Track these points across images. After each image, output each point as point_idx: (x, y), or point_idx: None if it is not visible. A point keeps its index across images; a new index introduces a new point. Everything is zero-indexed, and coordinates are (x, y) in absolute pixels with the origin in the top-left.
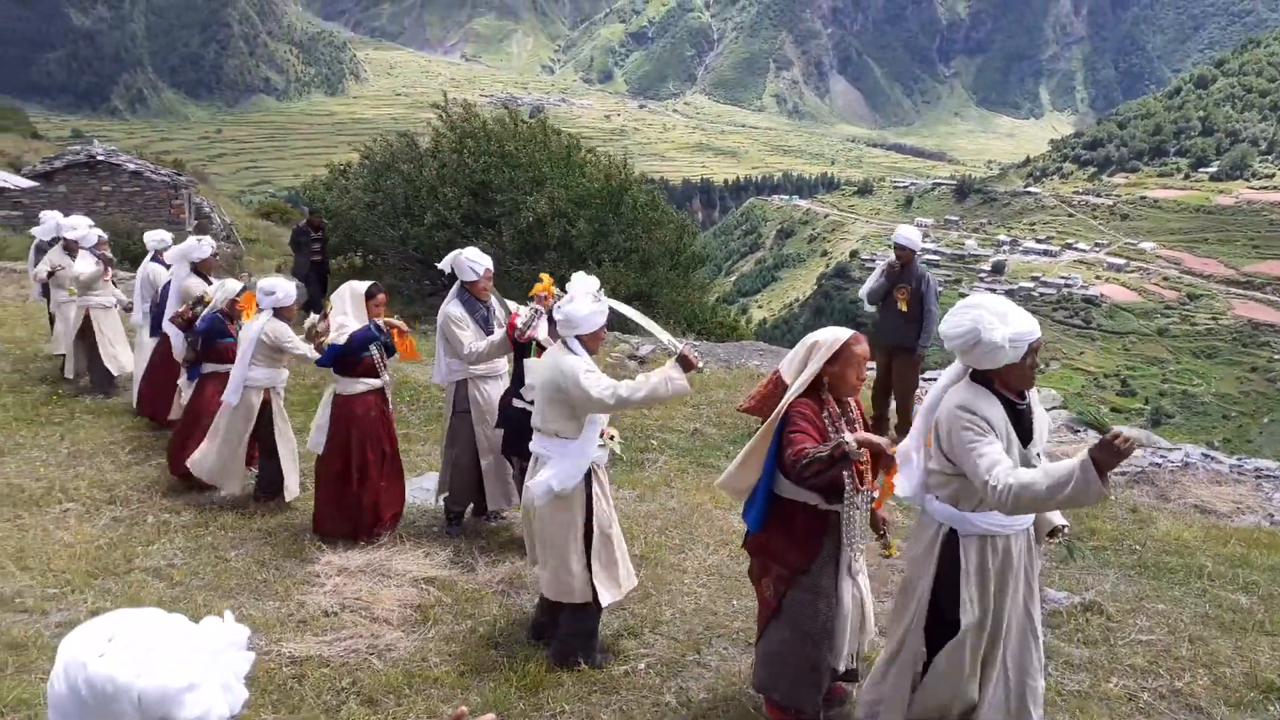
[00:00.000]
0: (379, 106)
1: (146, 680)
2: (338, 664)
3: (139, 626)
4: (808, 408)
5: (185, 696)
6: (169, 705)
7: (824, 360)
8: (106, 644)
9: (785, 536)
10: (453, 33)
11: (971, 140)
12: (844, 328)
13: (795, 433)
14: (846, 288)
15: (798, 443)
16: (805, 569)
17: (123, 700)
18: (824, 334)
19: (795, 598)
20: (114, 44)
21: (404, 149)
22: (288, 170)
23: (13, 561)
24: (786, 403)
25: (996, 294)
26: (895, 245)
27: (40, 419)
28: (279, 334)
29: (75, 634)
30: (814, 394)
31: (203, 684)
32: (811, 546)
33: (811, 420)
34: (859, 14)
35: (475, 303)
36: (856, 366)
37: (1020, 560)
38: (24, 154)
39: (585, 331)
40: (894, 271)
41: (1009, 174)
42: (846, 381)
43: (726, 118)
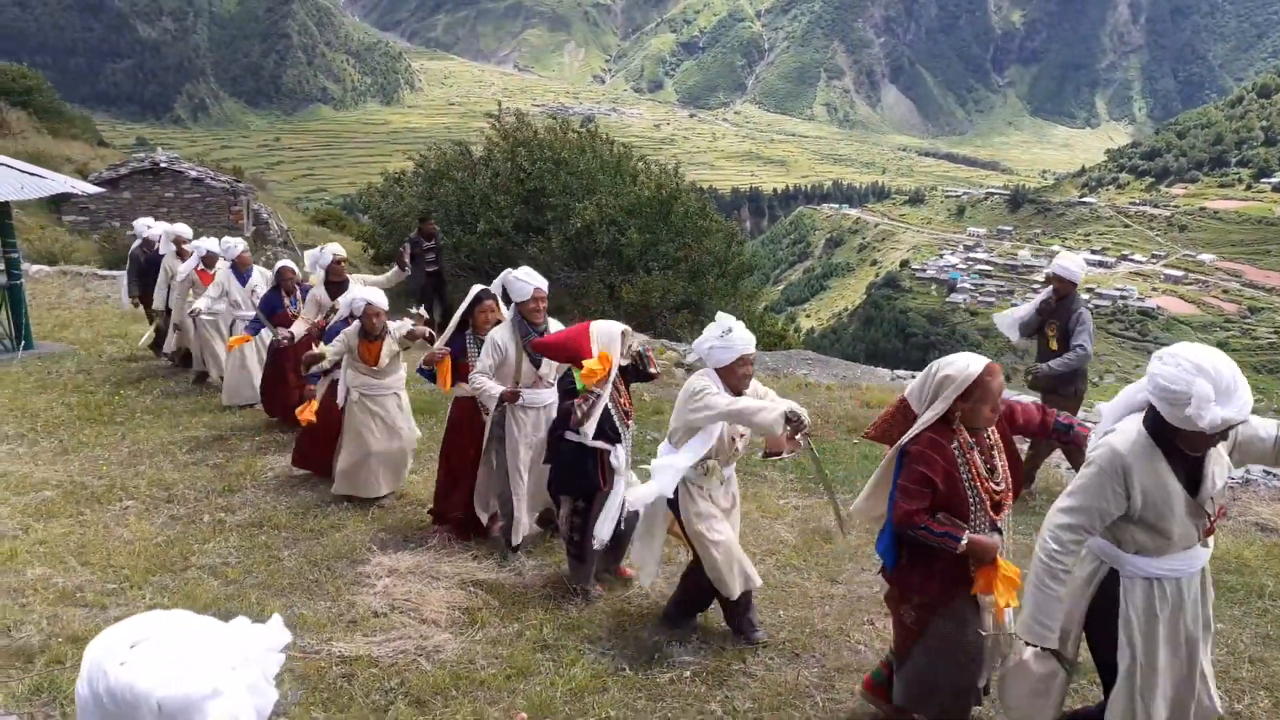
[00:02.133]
0: (433, 116)
1: (167, 688)
2: (387, 664)
3: (164, 631)
4: (931, 445)
5: (208, 704)
6: (190, 713)
7: (955, 396)
8: (129, 650)
9: (922, 570)
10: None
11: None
12: (977, 356)
13: (907, 485)
14: (896, 297)
15: (906, 502)
16: (950, 599)
17: (143, 709)
18: (955, 366)
19: (939, 625)
20: (178, 54)
21: (457, 157)
22: (343, 178)
23: (75, 557)
24: (912, 434)
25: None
26: (1052, 275)
27: (103, 418)
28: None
29: (100, 638)
30: (944, 424)
31: (227, 690)
32: (954, 581)
33: (932, 463)
34: (912, 23)
35: (526, 326)
36: (991, 400)
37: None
38: (91, 161)
39: (715, 366)
40: (1049, 306)
41: (1063, 184)
42: (979, 415)
43: (776, 126)
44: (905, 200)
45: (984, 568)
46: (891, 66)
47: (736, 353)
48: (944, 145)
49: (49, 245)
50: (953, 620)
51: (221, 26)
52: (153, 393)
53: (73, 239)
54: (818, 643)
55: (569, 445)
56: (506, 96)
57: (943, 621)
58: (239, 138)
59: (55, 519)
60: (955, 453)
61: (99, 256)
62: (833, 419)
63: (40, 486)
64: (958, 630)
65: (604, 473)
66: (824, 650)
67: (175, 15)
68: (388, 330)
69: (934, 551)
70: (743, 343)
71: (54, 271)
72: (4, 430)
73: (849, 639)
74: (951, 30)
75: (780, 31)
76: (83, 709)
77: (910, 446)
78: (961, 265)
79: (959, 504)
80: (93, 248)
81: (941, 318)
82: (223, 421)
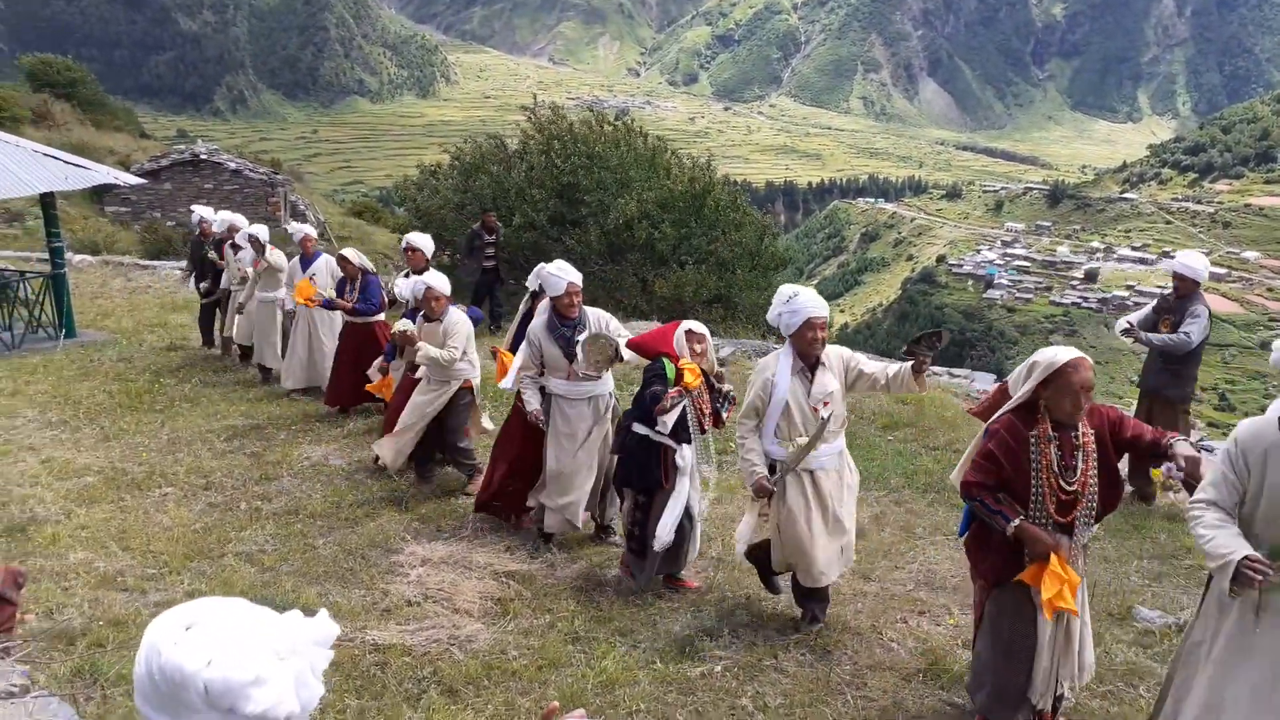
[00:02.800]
0: (468, 109)
1: (213, 671)
2: (419, 653)
3: (218, 617)
4: (1008, 427)
5: (251, 690)
6: (234, 697)
7: (1037, 382)
8: (183, 632)
9: (983, 546)
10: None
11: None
12: (1068, 348)
13: (978, 458)
14: (932, 293)
15: (972, 473)
16: (1001, 582)
17: (190, 689)
18: (1045, 353)
19: (992, 610)
20: (218, 47)
21: (493, 150)
22: (379, 170)
23: (115, 542)
24: (997, 417)
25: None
26: (1174, 274)
27: (143, 406)
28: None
29: (159, 619)
30: (1029, 412)
31: (271, 679)
32: (1006, 562)
33: (1004, 443)
34: (950, 16)
35: (556, 319)
36: (1073, 395)
37: None
38: (133, 152)
39: (786, 333)
40: (1166, 303)
41: (1104, 179)
42: (1060, 407)
43: (812, 120)
44: (942, 195)
45: (1037, 561)
46: (929, 60)
47: (803, 316)
48: (982, 140)
49: (92, 235)
50: (1001, 606)
51: (260, 19)
52: (191, 381)
53: (115, 229)
54: (850, 640)
55: (635, 438)
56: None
57: (993, 605)
58: (277, 130)
59: (97, 504)
60: (1031, 441)
61: (140, 247)
62: (866, 415)
63: (82, 472)
64: (1005, 617)
65: (667, 471)
66: (856, 647)
67: (215, 8)
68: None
69: (993, 530)
70: (810, 306)
71: (96, 261)
72: (48, 417)
73: (881, 636)
74: (991, 23)
75: (816, 24)
76: (139, 686)
77: (991, 424)
78: (999, 261)
79: (1020, 491)
80: (134, 238)
81: (978, 314)
82: (259, 410)
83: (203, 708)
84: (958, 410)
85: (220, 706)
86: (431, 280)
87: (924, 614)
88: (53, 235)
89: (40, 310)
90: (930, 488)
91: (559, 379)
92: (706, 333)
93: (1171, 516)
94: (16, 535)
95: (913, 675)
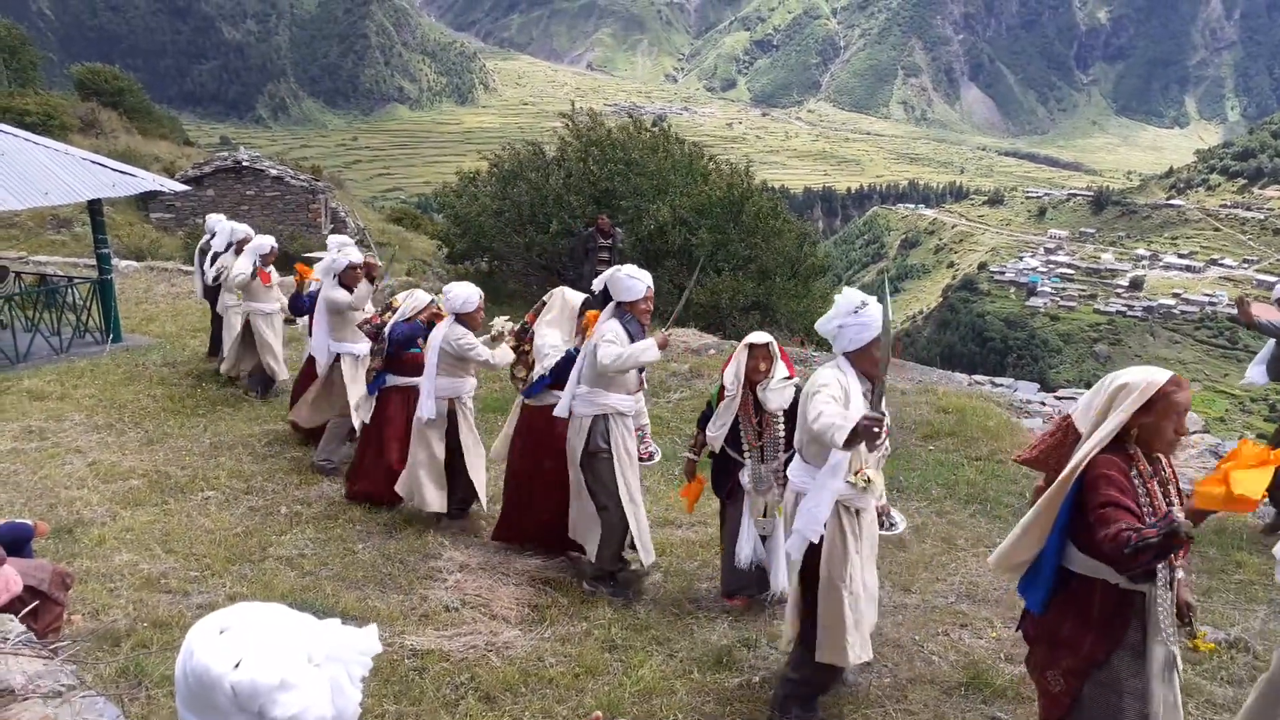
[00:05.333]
0: (507, 116)
1: (240, 674)
2: (457, 659)
3: (253, 621)
4: (1115, 467)
5: (278, 695)
6: (261, 700)
7: (1135, 408)
8: (217, 635)
9: (1078, 620)
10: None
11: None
12: (1159, 369)
13: (1108, 507)
14: (974, 301)
15: (1113, 521)
16: (1104, 660)
17: (218, 691)
18: (1134, 375)
19: (1094, 695)
20: (260, 55)
21: (531, 157)
22: (419, 177)
23: (159, 544)
24: (1084, 458)
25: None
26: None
27: (186, 410)
28: (461, 340)
29: (200, 622)
30: (1118, 448)
31: (300, 684)
32: (1113, 633)
33: (1122, 486)
34: (992, 20)
35: (636, 326)
36: (1176, 418)
37: None
38: (177, 159)
39: (848, 349)
40: None
41: (1150, 185)
42: (1161, 436)
43: (851, 125)
44: (984, 201)
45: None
46: (971, 64)
47: (875, 331)
48: (1025, 145)
49: (137, 241)
50: (1110, 688)
51: (301, 27)
52: (233, 386)
53: (159, 235)
54: (890, 652)
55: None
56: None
57: (1097, 689)
58: (317, 137)
59: (141, 507)
60: (1136, 484)
61: (183, 252)
62: (907, 424)
63: (127, 475)
64: (1115, 700)
65: (732, 487)
66: (897, 660)
67: (258, 17)
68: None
69: (1089, 596)
70: (881, 319)
71: (141, 267)
72: (94, 420)
73: (922, 649)
74: (1034, 27)
75: (856, 29)
76: (177, 688)
77: (1089, 473)
78: (1042, 268)
79: None
80: (178, 244)
81: (1020, 322)
82: None
83: (232, 710)
84: (1001, 419)
85: (249, 709)
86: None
87: (966, 627)
88: (100, 241)
89: (88, 315)
90: (972, 499)
91: (620, 394)
92: (773, 342)
93: (1219, 530)
94: (64, 536)
95: (954, 689)
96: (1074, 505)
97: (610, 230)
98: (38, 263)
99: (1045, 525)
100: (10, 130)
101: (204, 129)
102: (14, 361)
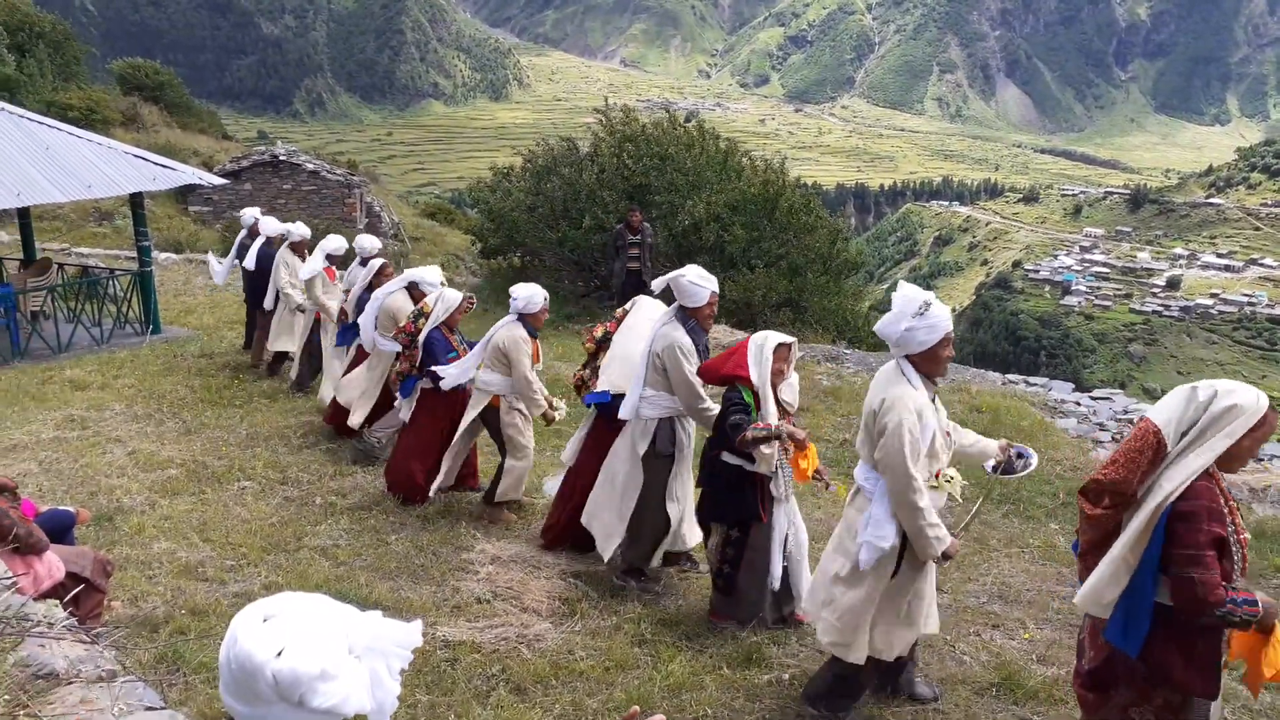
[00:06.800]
0: (540, 112)
1: (282, 662)
2: (489, 650)
3: (297, 610)
4: (1213, 498)
5: (319, 684)
6: (301, 689)
7: (1243, 433)
8: (261, 623)
9: (1183, 657)
10: (613, 39)
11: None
12: (1243, 385)
13: (1200, 552)
14: (1007, 299)
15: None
16: (1214, 695)
17: (259, 679)
18: (1243, 395)
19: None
20: (298, 51)
21: (565, 153)
22: (453, 173)
23: (196, 533)
24: (1183, 485)
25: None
26: None
27: (223, 401)
28: (510, 344)
29: (244, 609)
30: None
31: (341, 674)
32: (1214, 663)
33: (1222, 520)
34: (1029, 16)
35: (700, 332)
36: (1260, 445)
37: None
38: (215, 153)
39: (913, 351)
40: None
41: (1188, 184)
42: (1244, 459)
43: (885, 121)
44: (1019, 198)
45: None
46: (1007, 60)
47: (942, 331)
48: (1061, 142)
49: (176, 234)
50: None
51: (339, 23)
52: (270, 378)
53: (197, 228)
54: (922, 652)
55: (727, 468)
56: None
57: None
58: (353, 132)
59: (179, 496)
60: (1225, 512)
61: (221, 245)
62: None
63: (166, 465)
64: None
65: (764, 501)
66: (928, 659)
67: (296, 13)
68: None
69: (1193, 631)
70: (947, 318)
71: (180, 259)
72: (134, 410)
73: (954, 649)
74: (1072, 23)
75: (891, 25)
76: (221, 674)
77: (1185, 503)
78: (1077, 267)
79: (1228, 571)
80: (215, 236)
81: (1055, 321)
82: None
83: (274, 698)
84: (1035, 419)
85: (290, 698)
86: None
87: (998, 627)
88: (141, 234)
89: (128, 307)
90: (1005, 499)
91: None
92: (795, 343)
93: (1259, 534)
94: (104, 524)
95: (986, 689)
96: (1166, 537)
97: (640, 226)
98: (80, 255)
99: (1134, 558)
100: (55, 124)
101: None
102: (56, 351)
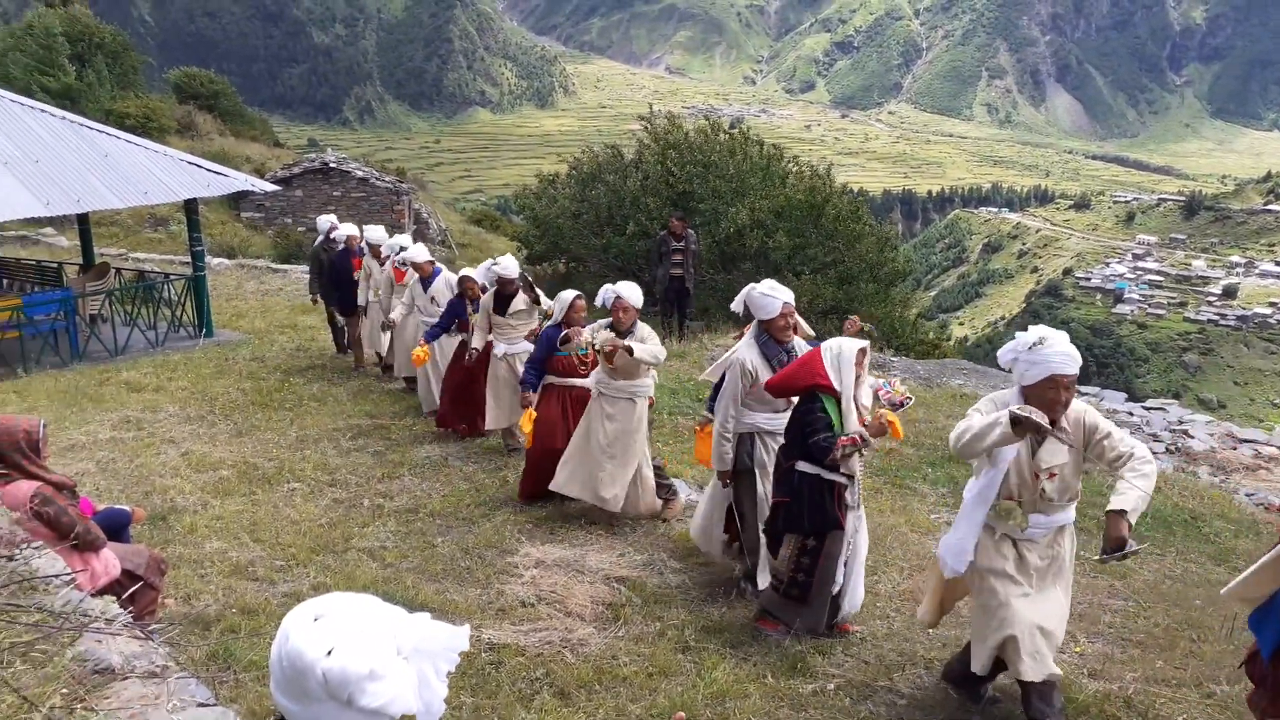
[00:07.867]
0: (585, 119)
1: (332, 661)
2: (533, 654)
3: (347, 611)
4: None
5: (367, 684)
6: (350, 689)
7: None
8: (312, 622)
9: None
10: (658, 46)
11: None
12: None
13: None
14: (1058, 307)
15: None
16: None
17: (310, 678)
18: None
19: None
20: (348, 59)
21: (609, 160)
22: (499, 180)
23: (247, 533)
24: None
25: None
26: None
27: (273, 404)
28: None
29: (296, 608)
30: None
31: (389, 675)
32: None
33: None
34: (1081, 20)
35: (774, 346)
36: None
37: None
38: (267, 160)
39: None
40: None
41: (1246, 190)
42: None
43: (933, 127)
44: (1070, 205)
45: None
46: (1058, 65)
47: (1047, 371)
48: (1113, 148)
49: (228, 239)
50: None
51: (388, 32)
52: (319, 381)
53: (249, 234)
54: None
55: (806, 478)
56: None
57: None
58: (402, 139)
59: (230, 497)
60: None
61: (272, 251)
62: None
63: (218, 466)
64: None
65: (841, 509)
66: None
67: (346, 22)
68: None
69: None
70: (1058, 359)
71: (232, 264)
72: (187, 412)
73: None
74: (1125, 27)
75: (939, 30)
76: (272, 671)
77: None
78: (1129, 275)
79: None
80: (267, 242)
81: (1107, 329)
82: (382, 410)
83: (323, 696)
84: None
85: (339, 697)
86: (623, 290)
87: None
88: (195, 239)
89: (182, 310)
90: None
91: (767, 413)
92: (868, 347)
93: None
94: (158, 523)
95: None
96: None
97: (683, 233)
98: (136, 259)
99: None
100: (113, 132)
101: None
102: (113, 354)
